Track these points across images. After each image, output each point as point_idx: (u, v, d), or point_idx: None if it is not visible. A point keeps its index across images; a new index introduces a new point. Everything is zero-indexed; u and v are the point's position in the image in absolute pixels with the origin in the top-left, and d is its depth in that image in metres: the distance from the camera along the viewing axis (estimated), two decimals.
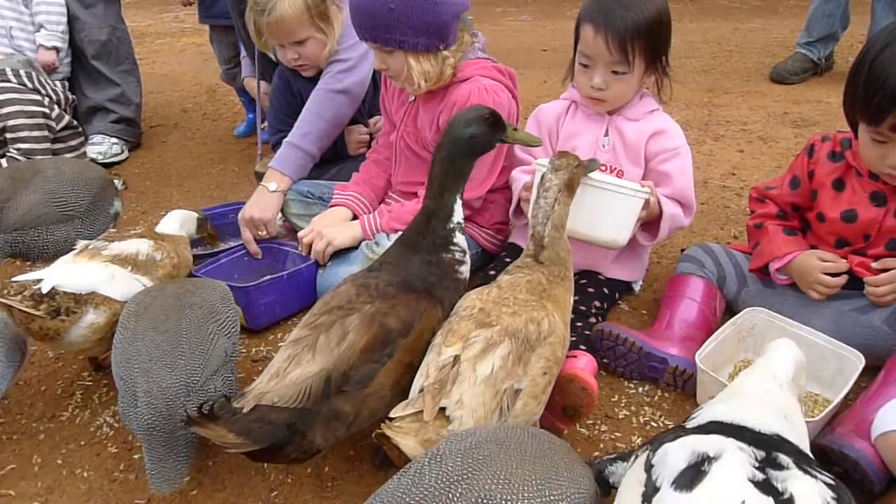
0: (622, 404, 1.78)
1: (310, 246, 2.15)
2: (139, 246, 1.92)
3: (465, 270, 1.65)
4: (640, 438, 1.66)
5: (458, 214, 1.63)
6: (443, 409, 1.32)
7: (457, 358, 1.38)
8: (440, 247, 1.61)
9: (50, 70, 3.34)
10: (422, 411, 1.31)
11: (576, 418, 1.65)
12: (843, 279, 1.76)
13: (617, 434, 1.69)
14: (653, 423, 1.71)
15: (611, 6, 1.85)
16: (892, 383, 1.55)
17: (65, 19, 3.34)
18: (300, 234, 2.20)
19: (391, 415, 1.33)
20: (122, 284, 1.82)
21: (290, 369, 1.39)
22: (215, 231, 2.39)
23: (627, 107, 2.00)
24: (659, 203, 1.89)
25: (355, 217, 2.23)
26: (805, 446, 1.12)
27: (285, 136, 2.48)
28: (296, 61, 2.49)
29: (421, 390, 1.36)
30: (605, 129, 1.99)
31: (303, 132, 2.43)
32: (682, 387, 1.78)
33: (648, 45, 1.87)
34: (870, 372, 1.64)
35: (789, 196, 1.89)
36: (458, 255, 1.63)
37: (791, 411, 1.17)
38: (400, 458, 1.29)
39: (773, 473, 0.98)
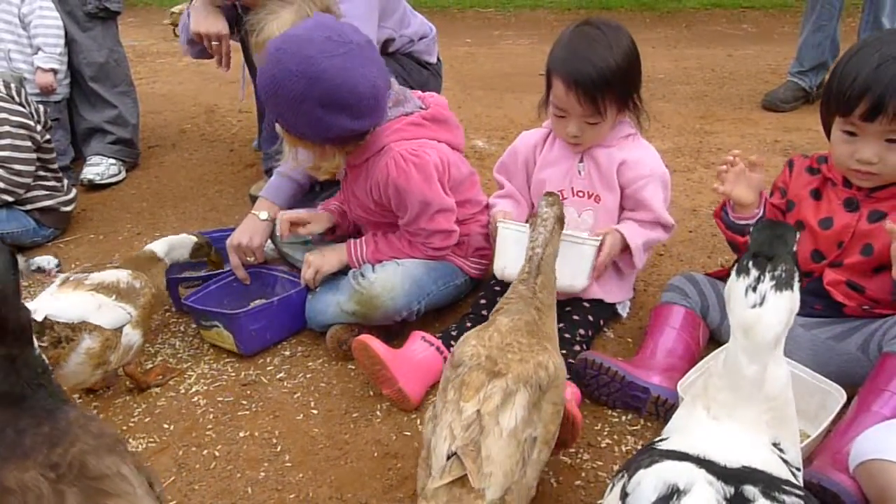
0: (605, 433, 1.80)
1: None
2: (118, 275, 1.97)
3: None
4: None
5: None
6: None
7: (478, 412, 1.33)
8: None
9: (48, 92, 3.37)
10: (459, 478, 1.26)
11: (559, 448, 1.66)
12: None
13: (599, 462, 1.70)
14: (635, 452, 1.72)
15: (578, 61, 1.91)
16: (866, 412, 1.57)
17: (62, 41, 3.37)
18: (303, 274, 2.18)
19: (428, 487, 1.27)
20: (108, 313, 1.86)
21: None
22: (220, 257, 2.37)
23: None
24: (623, 239, 2.02)
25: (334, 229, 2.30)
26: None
27: (279, 160, 2.49)
28: None
29: (450, 455, 1.28)
30: (580, 156, 2.07)
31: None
32: (665, 417, 1.79)
33: (619, 91, 1.95)
34: (848, 402, 1.65)
35: (771, 200, 1.94)
36: None
37: None
38: None
39: None
